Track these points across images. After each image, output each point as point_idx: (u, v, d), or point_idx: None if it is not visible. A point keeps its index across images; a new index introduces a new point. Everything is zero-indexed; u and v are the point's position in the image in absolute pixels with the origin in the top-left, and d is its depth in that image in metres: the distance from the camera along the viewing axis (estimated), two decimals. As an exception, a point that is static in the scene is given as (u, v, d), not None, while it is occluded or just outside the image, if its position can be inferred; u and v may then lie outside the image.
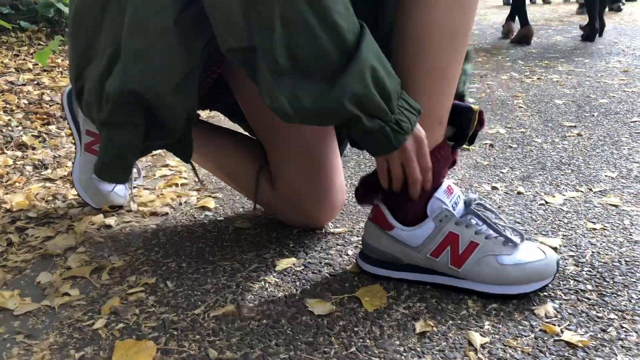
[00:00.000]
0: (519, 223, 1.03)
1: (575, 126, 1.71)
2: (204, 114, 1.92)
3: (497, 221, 0.80)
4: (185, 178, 1.32)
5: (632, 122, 1.73)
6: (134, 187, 1.25)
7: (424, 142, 0.75)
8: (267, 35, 0.63)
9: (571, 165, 1.35)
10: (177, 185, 1.27)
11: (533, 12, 6.23)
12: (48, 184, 1.30)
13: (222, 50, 0.68)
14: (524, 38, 3.77)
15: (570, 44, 3.71)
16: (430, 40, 0.75)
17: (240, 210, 1.13)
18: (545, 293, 0.80)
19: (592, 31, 3.79)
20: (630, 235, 0.97)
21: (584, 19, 4.42)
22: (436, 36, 0.75)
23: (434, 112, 0.78)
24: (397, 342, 0.70)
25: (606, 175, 1.27)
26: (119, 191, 1.11)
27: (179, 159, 1.07)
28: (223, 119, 1.73)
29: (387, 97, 0.68)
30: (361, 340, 0.71)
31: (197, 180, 0.92)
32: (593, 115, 1.83)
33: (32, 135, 1.63)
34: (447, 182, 0.81)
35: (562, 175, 1.29)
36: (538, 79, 2.51)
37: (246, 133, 1.12)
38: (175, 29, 0.70)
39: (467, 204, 0.80)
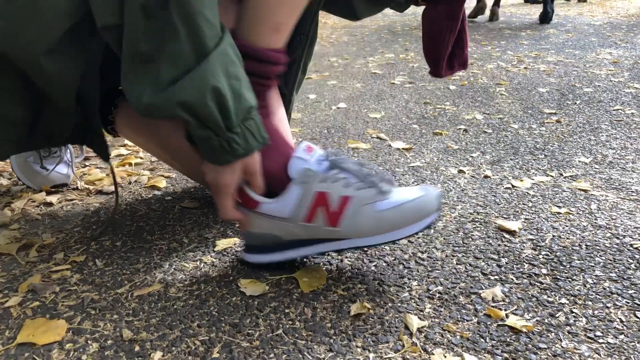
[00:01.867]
0: (480, 206, 0.98)
1: (555, 113, 1.66)
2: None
3: (361, 168, 0.73)
4: (141, 157, 1.27)
5: (614, 110, 1.68)
6: (85, 166, 1.19)
7: (254, 175, 0.71)
8: (132, 18, 0.60)
9: (545, 151, 1.30)
10: (130, 164, 1.22)
11: (531, 8, 6.16)
12: (-2, 162, 1.24)
13: (98, 27, 0.62)
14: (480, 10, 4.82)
15: (563, 36, 3.65)
16: None
17: (191, 190, 1.07)
18: (495, 276, 0.75)
19: (545, 14, 4.57)
20: (596, 219, 0.92)
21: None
22: None
23: (267, 18, 0.72)
24: (329, 325, 0.65)
25: (580, 161, 1.22)
26: (60, 170, 1.06)
27: (136, 144, 1.01)
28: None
29: (225, 113, 0.64)
30: (290, 322, 0.66)
31: (114, 184, 0.86)
32: (575, 103, 1.77)
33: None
34: (305, 142, 0.74)
35: (534, 160, 1.23)
36: (525, 68, 2.46)
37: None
38: None
39: (328, 157, 0.73)
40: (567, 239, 0.86)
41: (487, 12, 5.16)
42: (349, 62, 2.80)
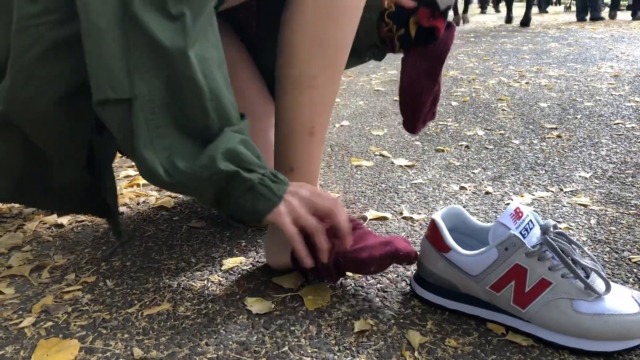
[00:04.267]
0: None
1: (556, 128, 1.68)
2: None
3: (578, 259, 0.65)
4: (149, 178, 1.30)
5: (614, 124, 1.70)
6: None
7: (306, 192, 0.71)
8: (152, 89, 0.60)
9: (546, 166, 1.32)
10: (138, 185, 1.25)
11: (532, 19, 6.20)
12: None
13: (94, 100, 0.62)
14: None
15: (565, 50, 3.68)
16: (298, 47, 0.75)
17: (198, 209, 1.10)
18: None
19: (508, 17, 6.26)
20: (595, 234, 0.94)
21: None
22: (305, 44, 0.74)
23: (300, 122, 0.76)
24: (333, 342, 0.67)
25: (580, 176, 1.24)
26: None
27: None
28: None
29: (257, 155, 0.67)
30: (296, 339, 0.68)
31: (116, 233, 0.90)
32: (576, 118, 1.80)
33: None
34: (515, 203, 0.67)
35: (535, 175, 1.25)
36: (526, 83, 2.48)
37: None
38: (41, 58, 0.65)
39: (543, 231, 0.66)
40: (567, 254, 0.87)
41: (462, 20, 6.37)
42: (352, 80, 2.84)
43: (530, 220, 0.67)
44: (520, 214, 0.66)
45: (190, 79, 0.60)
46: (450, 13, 6.18)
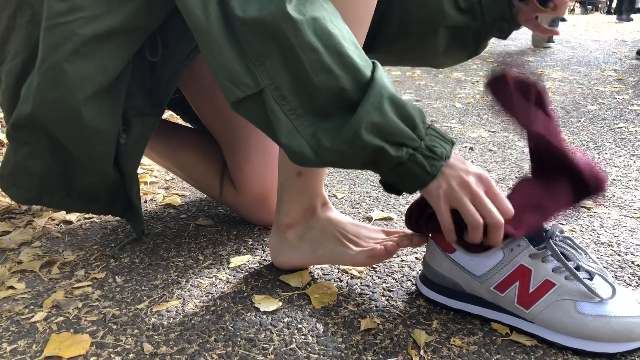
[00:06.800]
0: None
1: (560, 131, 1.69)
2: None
3: (582, 264, 0.66)
4: (155, 176, 1.31)
5: (618, 127, 1.70)
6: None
7: (473, 180, 0.63)
8: (274, 75, 0.59)
9: (549, 169, 1.32)
10: (145, 183, 1.26)
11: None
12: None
13: (230, 103, 0.62)
14: None
15: (569, 52, 3.69)
16: None
17: (205, 208, 1.11)
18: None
19: None
20: (598, 237, 0.95)
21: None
22: None
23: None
24: (340, 339, 0.68)
25: (583, 179, 1.24)
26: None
27: (151, 160, 1.06)
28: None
29: (411, 124, 0.60)
30: (303, 337, 0.69)
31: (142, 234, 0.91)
32: (580, 121, 1.80)
33: (11, 134, 1.62)
34: None
35: (539, 178, 1.26)
36: (530, 85, 2.49)
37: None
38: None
39: (549, 236, 0.67)
40: (570, 256, 0.88)
41: None
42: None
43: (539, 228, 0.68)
44: None
45: (301, 43, 0.57)
46: None
